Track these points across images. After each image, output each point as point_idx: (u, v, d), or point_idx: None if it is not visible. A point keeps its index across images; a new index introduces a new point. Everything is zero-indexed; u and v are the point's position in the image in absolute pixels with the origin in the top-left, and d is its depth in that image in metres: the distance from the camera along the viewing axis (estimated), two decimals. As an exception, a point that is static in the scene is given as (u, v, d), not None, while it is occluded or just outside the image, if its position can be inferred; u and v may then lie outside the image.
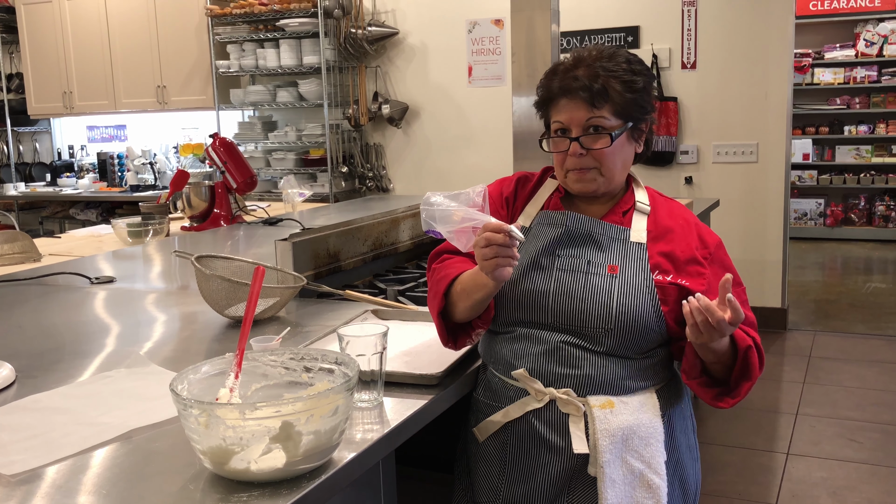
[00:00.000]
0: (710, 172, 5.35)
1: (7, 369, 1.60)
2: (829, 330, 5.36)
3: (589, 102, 1.51)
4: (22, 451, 1.24)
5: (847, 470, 3.33)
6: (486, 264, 1.39)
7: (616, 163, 1.56)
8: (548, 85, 1.57)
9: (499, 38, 5.72)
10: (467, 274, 1.52)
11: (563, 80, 1.54)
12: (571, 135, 1.54)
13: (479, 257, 1.40)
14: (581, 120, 1.52)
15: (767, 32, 5.08)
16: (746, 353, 1.46)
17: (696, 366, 1.50)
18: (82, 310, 2.26)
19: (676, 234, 1.58)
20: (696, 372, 1.50)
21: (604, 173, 1.55)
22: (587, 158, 1.54)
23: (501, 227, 1.37)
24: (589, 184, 1.56)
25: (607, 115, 1.52)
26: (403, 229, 2.84)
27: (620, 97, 1.52)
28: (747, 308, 1.55)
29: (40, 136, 7.91)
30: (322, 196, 5.90)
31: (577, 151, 1.53)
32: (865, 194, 8.69)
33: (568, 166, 1.56)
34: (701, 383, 1.52)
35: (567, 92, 1.53)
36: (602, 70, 1.52)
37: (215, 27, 6.19)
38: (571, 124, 1.53)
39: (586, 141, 1.53)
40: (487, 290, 1.47)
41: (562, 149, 1.56)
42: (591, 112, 1.51)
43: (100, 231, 4.01)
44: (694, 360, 1.49)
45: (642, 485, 1.49)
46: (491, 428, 1.59)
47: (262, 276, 1.33)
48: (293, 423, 1.07)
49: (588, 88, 1.50)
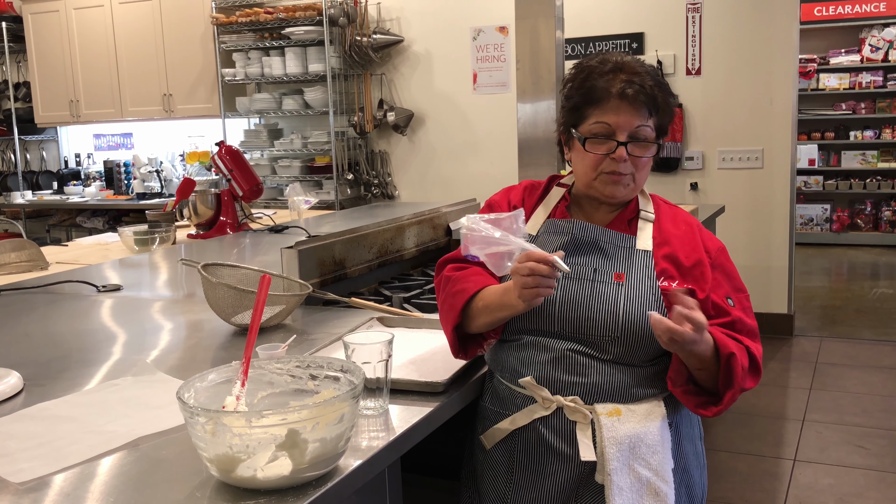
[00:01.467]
0: (716, 178, 5.35)
1: (15, 378, 1.61)
2: (836, 336, 5.35)
3: (647, 108, 1.50)
4: (29, 459, 1.25)
5: (854, 476, 3.32)
6: (526, 293, 1.39)
7: (646, 174, 1.57)
8: (593, 84, 1.53)
9: (503, 46, 5.73)
10: (493, 291, 1.52)
11: (614, 83, 1.50)
12: (618, 138, 1.51)
13: (518, 284, 1.40)
14: (631, 125, 1.50)
15: (772, 38, 5.08)
16: (728, 361, 1.45)
17: (682, 373, 1.49)
18: (89, 318, 2.27)
19: (681, 239, 1.58)
20: (681, 380, 1.50)
21: (636, 181, 1.56)
22: (626, 165, 1.53)
23: (546, 258, 1.37)
24: (621, 189, 1.55)
25: (652, 126, 1.52)
26: (409, 236, 2.84)
27: (667, 111, 1.53)
28: (749, 316, 1.55)
29: (47, 144, 7.94)
30: (328, 203, 5.91)
31: (623, 156, 1.51)
32: (871, 199, 8.67)
33: (604, 168, 1.53)
34: (685, 391, 1.50)
35: (621, 95, 1.49)
36: (651, 78, 1.52)
37: (221, 35, 6.21)
38: (619, 128, 1.51)
39: (633, 148, 1.52)
40: (514, 311, 1.48)
41: (606, 151, 1.52)
42: (643, 119, 1.51)
43: (106, 239, 4.02)
44: (679, 367, 1.49)
45: (650, 492, 1.49)
46: (498, 435, 1.59)
47: (268, 285, 1.33)
48: (299, 430, 1.08)
49: (647, 94, 1.50)
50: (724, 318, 1.52)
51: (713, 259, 1.57)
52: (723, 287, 1.56)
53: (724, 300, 1.54)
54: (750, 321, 1.54)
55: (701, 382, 1.51)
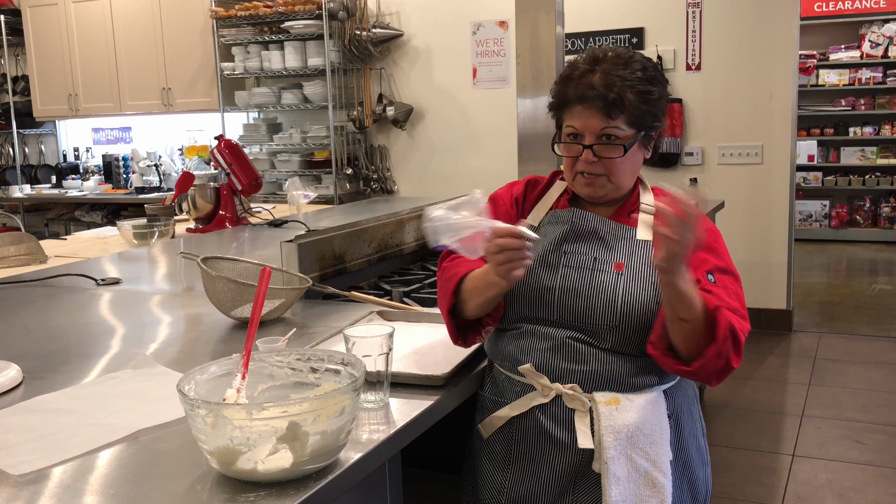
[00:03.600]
0: (715, 174, 5.34)
1: (14, 370, 1.61)
2: (835, 331, 5.35)
3: (605, 112, 1.50)
4: (29, 451, 1.25)
5: (853, 471, 3.32)
6: (501, 269, 1.39)
7: (626, 171, 1.56)
8: (563, 90, 1.56)
9: (503, 40, 5.72)
10: (478, 272, 1.53)
11: (579, 87, 1.52)
12: (584, 141, 1.53)
13: (492, 263, 1.40)
14: (595, 128, 1.52)
15: (772, 34, 5.08)
16: (715, 313, 1.40)
17: (664, 339, 1.46)
18: (88, 311, 2.27)
19: None
20: (662, 345, 1.46)
21: (613, 181, 1.56)
22: (598, 166, 1.54)
23: (511, 230, 1.37)
24: (598, 189, 1.57)
25: (621, 125, 1.51)
26: (408, 231, 2.84)
27: (636, 108, 1.51)
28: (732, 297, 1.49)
29: (46, 138, 7.93)
30: (327, 198, 5.90)
31: (589, 159, 1.53)
32: (871, 196, 8.68)
33: (578, 169, 1.56)
34: (664, 354, 1.46)
35: (582, 99, 1.51)
36: (618, 79, 1.50)
37: (220, 29, 6.20)
38: (585, 131, 1.53)
39: (599, 149, 1.53)
40: (499, 289, 1.49)
41: (573, 154, 1.55)
42: (606, 122, 1.51)
43: (105, 233, 4.02)
44: (662, 332, 1.45)
45: (647, 483, 1.49)
46: (496, 423, 1.59)
47: (268, 278, 1.33)
48: (300, 423, 1.08)
49: (604, 98, 1.49)
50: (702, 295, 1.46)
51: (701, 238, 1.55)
52: (705, 264, 1.51)
53: (704, 276, 1.49)
54: (730, 300, 1.49)
55: (683, 348, 1.45)
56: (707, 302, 1.41)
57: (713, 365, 1.42)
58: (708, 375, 1.46)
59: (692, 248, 1.34)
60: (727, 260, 1.57)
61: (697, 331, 1.42)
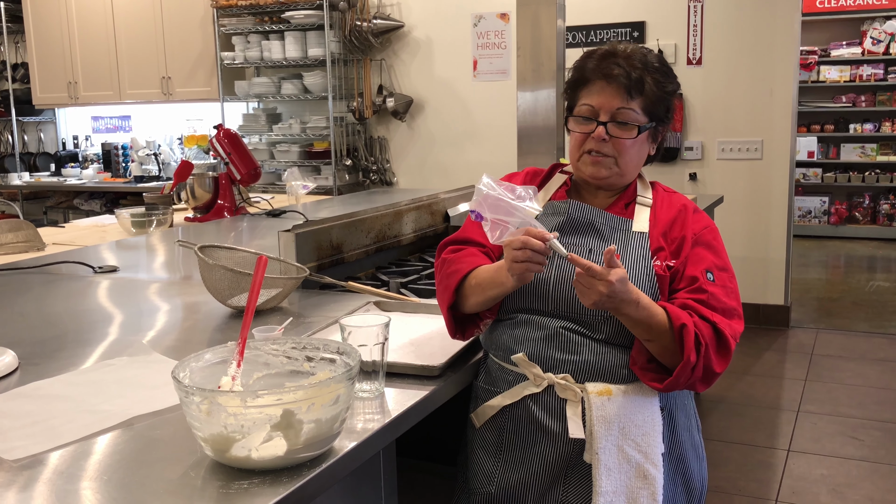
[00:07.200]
0: (715, 169, 5.34)
1: (10, 356, 1.61)
2: (832, 328, 5.35)
3: (626, 90, 1.52)
4: (24, 437, 1.25)
5: (848, 467, 3.33)
6: (516, 266, 1.39)
7: (633, 157, 1.57)
8: (583, 66, 1.58)
9: (504, 33, 5.71)
10: (485, 270, 1.53)
11: (602, 64, 1.54)
12: (599, 118, 1.54)
13: (509, 257, 1.40)
14: (612, 107, 1.53)
15: (773, 29, 5.07)
16: (681, 331, 1.42)
17: (643, 353, 1.48)
18: (85, 298, 2.27)
19: (675, 221, 1.59)
20: (642, 359, 1.48)
21: (619, 164, 1.57)
22: (608, 146, 1.55)
23: (544, 235, 1.37)
24: (602, 169, 1.57)
25: (637, 109, 1.54)
26: (406, 222, 2.84)
27: (653, 94, 1.54)
28: (729, 295, 1.51)
29: (45, 126, 7.92)
30: (326, 189, 5.90)
31: (601, 135, 1.54)
32: (870, 192, 8.67)
33: (586, 148, 1.56)
34: (644, 368, 1.48)
35: (605, 76, 1.53)
36: (640, 63, 1.54)
37: (220, 19, 6.18)
38: (602, 108, 1.54)
39: (612, 128, 1.54)
40: (505, 289, 1.49)
41: (587, 130, 1.56)
42: (625, 101, 1.53)
43: (104, 221, 4.01)
44: (640, 347, 1.48)
45: (638, 475, 1.49)
46: (488, 412, 1.60)
47: (264, 266, 1.33)
48: (294, 411, 1.08)
49: (628, 76, 1.52)
50: (699, 295, 1.49)
51: (698, 236, 1.57)
52: (704, 261, 1.53)
53: (704, 274, 1.51)
54: (728, 300, 1.51)
55: (663, 361, 1.48)
56: (674, 320, 1.43)
57: (685, 380, 1.44)
58: (686, 387, 1.49)
59: (606, 293, 1.37)
60: (723, 255, 1.58)
61: (668, 347, 1.45)
